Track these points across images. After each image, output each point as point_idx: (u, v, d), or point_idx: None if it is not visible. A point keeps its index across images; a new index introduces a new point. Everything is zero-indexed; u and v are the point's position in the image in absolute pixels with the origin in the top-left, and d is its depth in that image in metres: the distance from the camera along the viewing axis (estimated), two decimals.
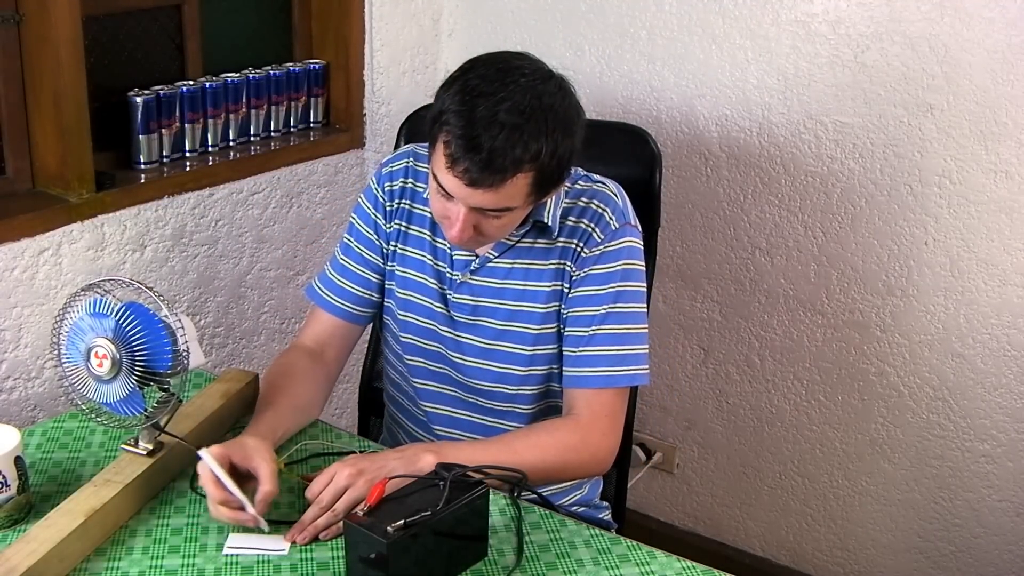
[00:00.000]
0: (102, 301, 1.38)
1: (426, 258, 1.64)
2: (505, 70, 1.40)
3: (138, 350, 1.37)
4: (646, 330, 1.59)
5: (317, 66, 2.42)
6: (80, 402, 1.44)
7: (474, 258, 1.60)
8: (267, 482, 1.37)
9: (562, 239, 1.57)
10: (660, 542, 1.45)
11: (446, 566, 1.32)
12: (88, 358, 1.38)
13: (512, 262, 1.59)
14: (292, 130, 2.41)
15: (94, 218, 1.96)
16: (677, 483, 2.64)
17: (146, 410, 1.42)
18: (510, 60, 1.44)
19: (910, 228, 2.16)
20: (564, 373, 1.59)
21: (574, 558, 1.38)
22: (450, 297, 1.63)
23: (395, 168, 1.67)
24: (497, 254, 1.60)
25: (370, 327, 1.87)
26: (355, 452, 1.56)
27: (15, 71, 1.88)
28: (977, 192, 2.07)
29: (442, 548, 1.30)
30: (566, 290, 1.58)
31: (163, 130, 2.12)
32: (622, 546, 1.41)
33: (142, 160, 2.09)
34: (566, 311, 1.58)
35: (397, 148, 1.82)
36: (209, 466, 1.35)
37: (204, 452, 1.36)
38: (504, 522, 1.43)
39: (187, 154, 2.18)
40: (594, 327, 1.55)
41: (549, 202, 1.54)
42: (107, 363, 1.37)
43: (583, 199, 1.58)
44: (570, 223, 1.57)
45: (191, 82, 2.17)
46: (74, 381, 1.42)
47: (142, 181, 2.06)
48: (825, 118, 2.19)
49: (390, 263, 1.67)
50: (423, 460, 1.42)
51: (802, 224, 2.28)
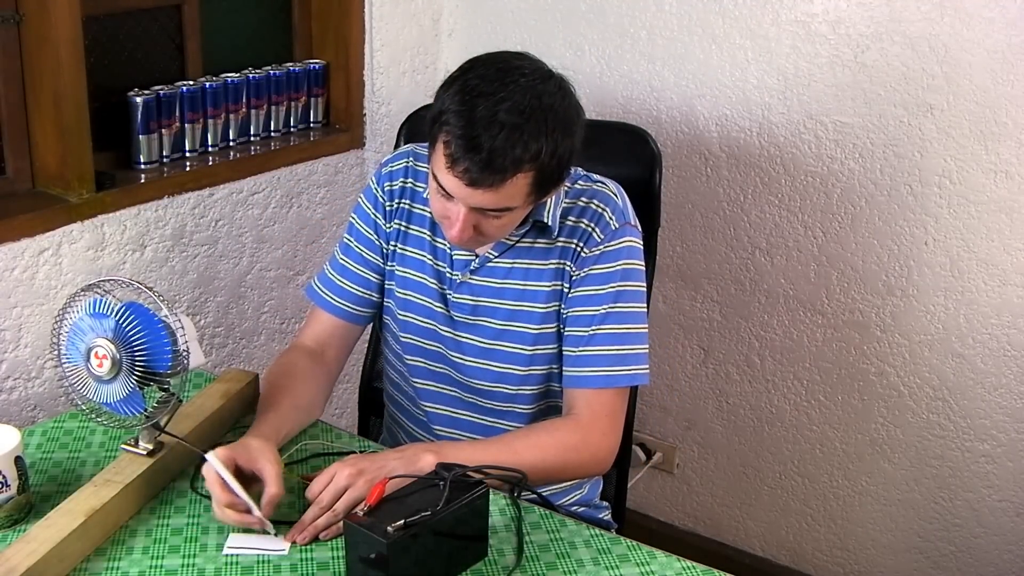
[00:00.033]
0: (102, 301, 1.38)
1: (426, 258, 1.64)
2: (505, 70, 1.40)
3: (138, 350, 1.37)
4: (646, 330, 1.59)
5: (317, 66, 2.42)
6: (80, 402, 1.44)
7: (474, 258, 1.60)
8: (273, 485, 1.37)
9: (562, 239, 1.57)
10: (660, 542, 1.45)
11: (446, 566, 1.32)
12: (88, 358, 1.38)
13: (512, 262, 1.59)
14: (292, 130, 2.40)
15: (94, 218, 1.96)
16: (677, 483, 2.64)
17: (146, 410, 1.42)
18: (510, 60, 1.44)
19: (910, 228, 2.16)
20: (564, 373, 1.59)
21: (574, 558, 1.38)
22: (450, 297, 1.63)
23: (395, 168, 1.67)
24: (497, 254, 1.60)
25: (370, 327, 1.87)
26: (355, 452, 1.56)
27: (15, 71, 1.88)
28: (977, 192, 2.07)
29: (442, 548, 1.30)
30: (566, 290, 1.58)
31: (163, 130, 2.12)
32: (622, 546, 1.41)
33: (142, 160, 2.09)
34: (566, 311, 1.58)
35: (397, 148, 1.82)
36: (216, 469, 1.35)
37: (211, 455, 1.36)
38: (504, 522, 1.43)
39: (187, 154, 2.18)
40: (594, 327, 1.55)
41: (549, 202, 1.54)
42: (107, 363, 1.37)
43: (583, 199, 1.58)
44: (570, 223, 1.57)
45: (191, 82, 2.17)
46: (74, 381, 1.42)
47: (142, 181, 2.06)
48: (825, 118, 2.19)
49: (390, 263, 1.67)
50: (423, 460, 1.42)
51: (802, 224, 2.27)
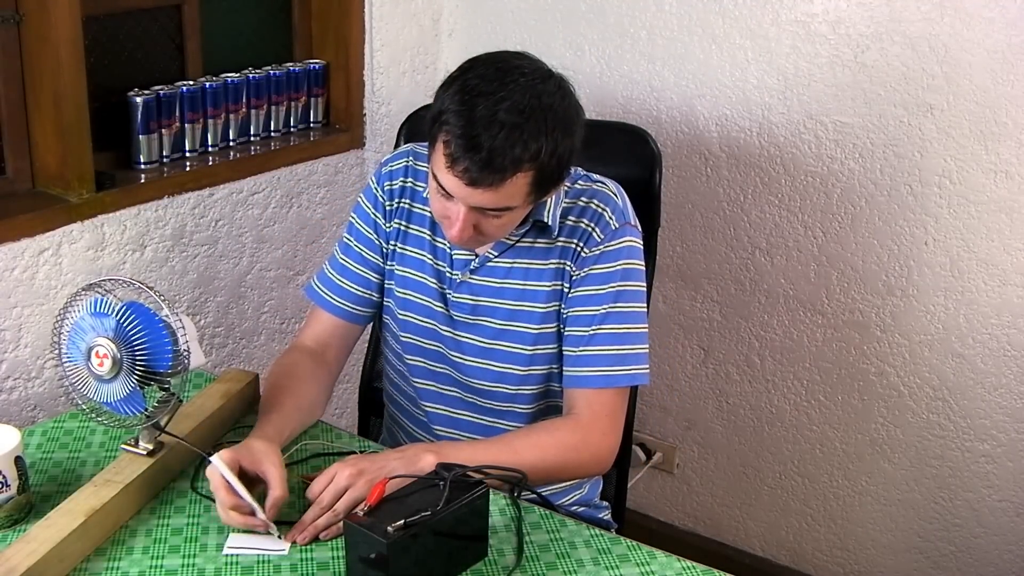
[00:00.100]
0: (103, 300, 1.38)
1: (426, 257, 1.64)
2: (504, 70, 1.40)
3: (139, 350, 1.37)
4: (646, 330, 1.59)
5: (317, 66, 2.42)
6: (80, 402, 1.44)
7: (474, 257, 1.60)
8: (277, 487, 1.37)
9: (562, 239, 1.57)
10: (660, 542, 1.45)
11: (446, 566, 1.32)
12: (89, 357, 1.38)
13: (512, 261, 1.59)
14: (292, 130, 2.40)
15: (94, 218, 1.96)
16: (677, 483, 2.64)
17: (146, 410, 1.42)
18: (509, 60, 1.44)
19: (910, 228, 2.16)
20: (564, 373, 1.59)
21: (574, 558, 1.38)
22: (450, 296, 1.63)
23: (395, 167, 1.67)
24: (497, 253, 1.59)
25: (370, 327, 1.87)
26: (355, 452, 1.56)
27: (15, 71, 1.88)
28: (977, 192, 2.07)
29: (442, 548, 1.30)
30: (566, 290, 1.58)
31: (163, 130, 2.11)
32: (622, 546, 1.41)
33: (142, 160, 2.09)
34: (566, 311, 1.58)
35: (397, 148, 1.82)
36: (221, 472, 1.35)
37: (215, 458, 1.35)
38: (504, 522, 1.43)
39: (187, 154, 2.18)
40: (594, 327, 1.55)
41: (549, 202, 1.54)
42: (108, 363, 1.37)
43: (583, 199, 1.58)
44: (570, 223, 1.57)
45: (191, 82, 2.17)
46: (75, 381, 1.42)
47: (142, 181, 2.06)
48: (825, 118, 2.19)
49: (390, 262, 1.67)
50: (423, 460, 1.42)
51: (802, 224, 2.27)
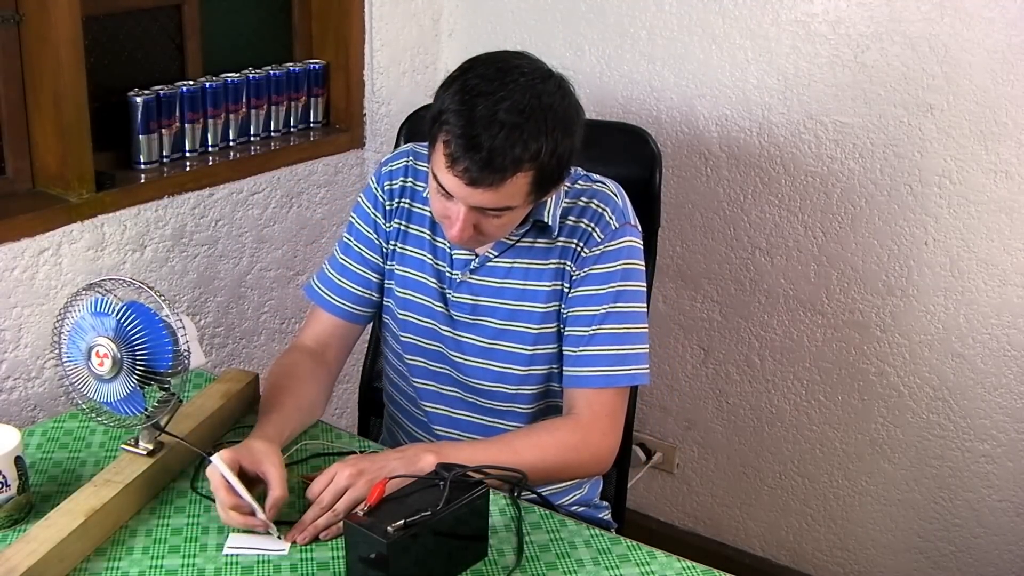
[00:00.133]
0: (103, 300, 1.38)
1: (426, 257, 1.64)
2: (504, 69, 1.40)
3: (139, 350, 1.37)
4: (646, 330, 1.59)
5: (317, 66, 2.42)
6: (81, 402, 1.44)
7: (474, 257, 1.60)
8: (277, 487, 1.37)
9: (562, 239, 1.57)
10: (660, 542, 1.45)
11: (446, 566, 1.32)
12: (89, 357, 1.38)
13: (512, 261, 1.59)
14: (292, 130, 2.40)
15: (94, 218, 1.96)
16: (677, 483, 2.64)
17: (146, 410, 1.42)
18: (509, 59, 1.44)
19: (910, 228, 2.16)
20: (564, 373, 1.59)
21: (574, 558, 1.38)
22: (450, 296, 1.63)
23: (395, 167, 1.67)
24: (497, 253, 1.59)
25: (370, 327, 1.87)
26: (355, 452, 1.56)
27: (15, 71, 1.88)
28: (977, 192, 2.07)
29: (442, 548, 1.30)
30: (566, 290, 1.58)
31: (163, 130, 2.11)
32: (622, 546, 1.41)
33: (142, 160, 2.09)
34: (566, 311, 1.58)
35: (397, 148, 1.82)
36: (221, 472, 1.35)
37: (215, 458, 1.35)
38: (504, 522, 1.43)
39: (187, 154, 2.18)
40: (594, 327, 1.55)
41: (549, 202, 1.54)
42: (108, 362, 1.37)
43: (583, 199, 1.58)
44: (570, 223, 1.57)
45: (191, 82, 2.17)
46: (75, 380, 1.42)
47: (142, 181, 2.06)
48: (825, 118, 2.19)
49: (389, 262, 1.67)
50: (423, 460, 1.42)
51: (802, 224, 2.27)
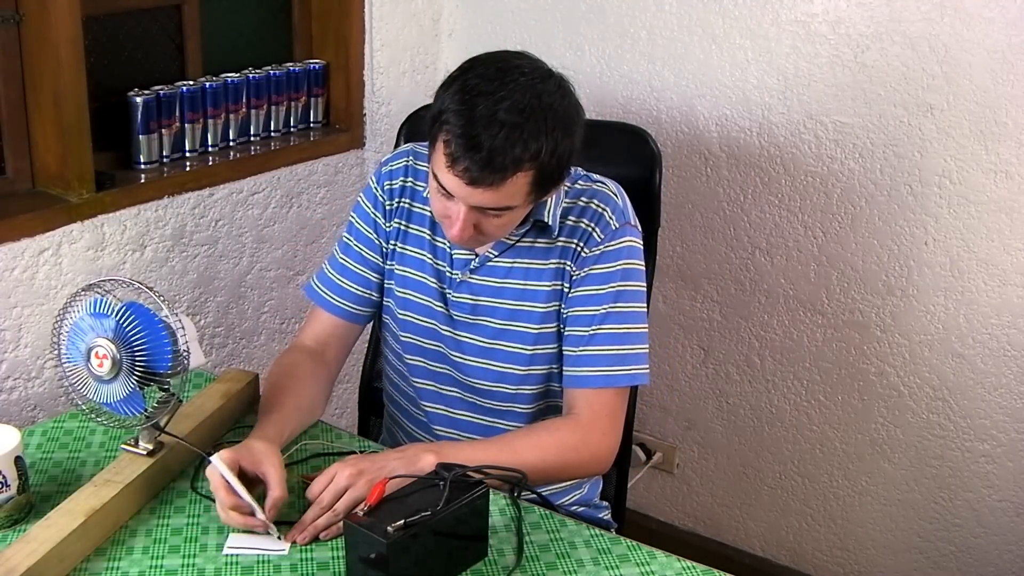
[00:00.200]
0: (102, 301, 1.38)
1: (426, 257, 1.64)
2: (504, 69, 1.40)
3: (138, 350, 1.37)
4: (646, 330, 1.59)
5: (317, 66, 2.42)
6: (80, 402, 1.44)
7: (474, 257, 1.60)
8: (277, 488, 1.37)
9: (562, 239, 1.57)
10: (660, 542, 1.45)
11: (446, 566, 1.32)
12: (88, 358, 1.38)
13: (512, 261, 1.59)
14: (292, 130, 2.40)
15: (94, 218, 1.96)
16: (677, 483, 2.64)
17: (146, 410, 1.42)
18: (509, 59, 1.44)
19: (910, 228, 2.16)
20: (564, 373, 1.59)
21: (574, 558, 1.38)
22: (450, 296, 1.63)
23: (395, 167, 1.67)
24: (497, 253, 1.59)
25: (370, 327, 1.87)
26: (355, 452, 1.56)
27: (15, 71, 1.88)
28: (977, 192, 2.07)
29: (442, 548, 1.30)
30: (566, 290, 1.58)
31: (163, 130, 2.11)
32: (622, 546, 1.41)
33: (142, 160, 2.09)
34: (566, 311, 1.58)
35: (397, 148, 1.82)
36: (221, 472, 1.35)
37: (215, 458, 1.35)
38: (504, 522, 1.43)
39: (187, 154, 2.18)
40: (594, 327, 1.55)
41: (549, 201, 1.54)
42: (107, 363, 1.37)
43: (583, 199, 1.58)
44: (570, 223, 1.57)
45: (191, 82, 2.17)
46: (74, 381, 1.42)
47: (142, 181, 2.06)
48: (825, 118, 2.19)
49: (389, 262, 1.67)
50: (423, 460, 1.42)
51: (802, 224, 2.27)
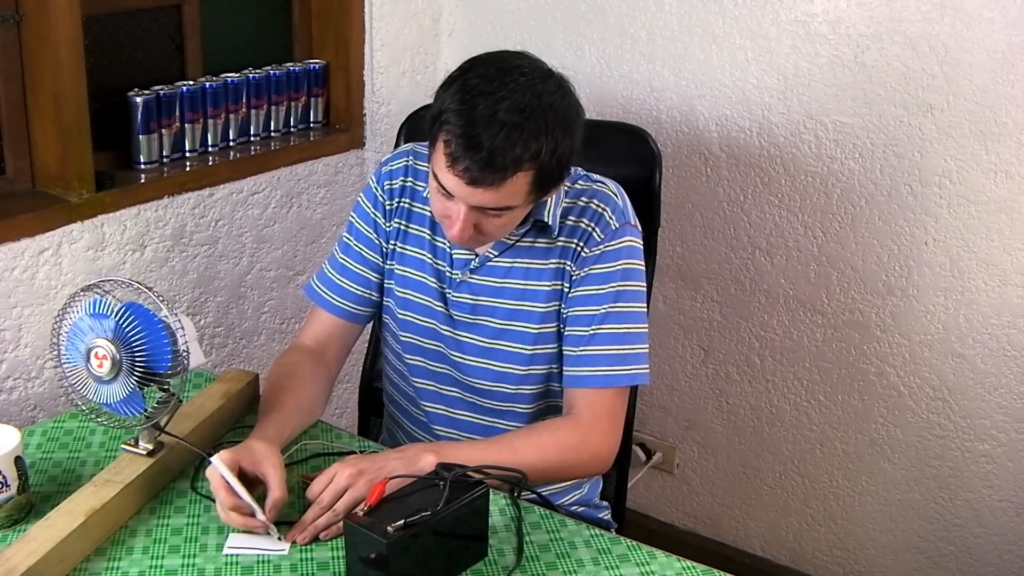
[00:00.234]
0: (102, 301, 1.38)
1: (426, 257, 1.64)
2: (504, 69, 1.40)
3: (138, 350, 1.37)
4: (646, 330, 1.59)
5: (317, 66, 2.42)
6: (80, 402, 1.44)
7: (474, 257, 1.60)
8: (277, 488, 1.37)
9: (562, 238, 1.57)
10: (660, 542, 1.45)
11: (446, 566, 1.32)
12: (88, 359, 1.38)
13: (512, 261, 1.59)
14: (292, 130, 2.40)
15: (94, 218, 1.96)
16: (677, 483, 2.64)
17: (146, 410, 1.42)
18: (509, 59, 1.44)
19: (910, 228, 2.16)
20: (564, 372, 1.59)
21: (574, 558, 1.38)
22: (450, 296, 1.63)
23: (395, 167, 1.67)
24: (497, 253, 1.59)
25: (370, 327, 1.87)
26: (355, 452, 1.56)
27: (15, 71, 1.88)
28: (977, 192, 2.07)
29: (442, 548, 1.30)
30: (566, 289, 1.58)
31: (163, 130, 2.11)
32: (622, 546, 1.41)
33: (142, 160, 2.09)
34: (566, 310, 1.58)
35: (397, 148, 1.82)
36: (221, 473, 1.35)
37: (216, 459, 1.35)
38: (504, 522, 1.43)
39: (187, 154, 2.18)
40: (594, 327, 1.55)
41: (549, 201, 1.54)
42: (107, 364, 1.37)
43: (583, 199, 1.58)
44: (570, 222, 1.57)
45: (191, 82, 2.17)
46: (74, 381, 1.42)
47: (142, 181, 2.06)
48: (825, 118, 2.19)
49: (389, 262, 1.67)
50: (423, 460, 1.42)
51: (802, 224, 2.27)
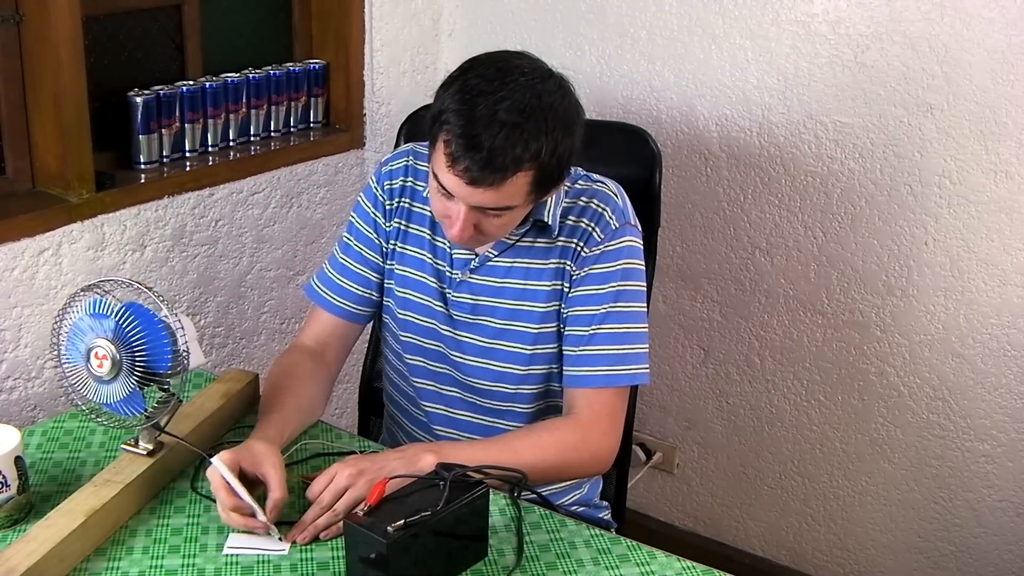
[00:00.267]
0: (102, 301, 1.38)
1: (426, 257, 1.64)
2: (504, 69, 1.40)
3: (138, 350, 1.37)
4: (646, 329, 1.59)
5: (317, 66, 2.42)
6: (80, 402, 1.44)
7: (474, 257, 1.60)
8: (277, 489, 1.37)
9: (562, 238, 1.57)
10: (660, 542, 1.45)
11: (446, 566, 1.32)
12: (88, 359, 1.38)
13: (512, 261, 1.59)
14: (292, 130, 2.40)
15: (94, 218, 1.96)
16: (677, 483, 2.64)
17: (146, 410, 1.42)
18: (509, 59, 1.44)
19: (910, 228, 2.16)
20: (564, 372, 1.59)
21: (574, 558, 1.38)
22: (450, 296, 1.63)
23: (395, 167, 1.67)
24: (497, 253, 1.59)
25: (370, 327, 1.87)
26: (355, 452, 1.56)
27: (15, 71, 1.88)
28: (977, 192, 2.07)
29: (442, 548, 1.30)
30: (566, 289, 1.58)
31: (163, 130, 2.11)
32: (622, 546, 1.41)
33: (142, 160, 2.09)
34: (566, 310, 1.58)
35: (397, 148, 1.82)
36: (221, 473, 1.35)
37: (216, 459, 1.35)
38: (504, 522, 1.43)
39: (187, 154, 2.18)
40: (594, 326, 1.55)
41: (549, 201, 1.54)
42: (107, 364, 1.37)
43: (583, 198, 1.58)
44: (570, 222, 1.57)
45: (191, 82, 2.17)
46: (74, 381, 1.42)
47: (142, 181, 2.06)
48: (825, 118, 2.19)
49: (389, 262, 1.67)
50: (423, 460, 1.42)
51: (802, 224, 2.27)
